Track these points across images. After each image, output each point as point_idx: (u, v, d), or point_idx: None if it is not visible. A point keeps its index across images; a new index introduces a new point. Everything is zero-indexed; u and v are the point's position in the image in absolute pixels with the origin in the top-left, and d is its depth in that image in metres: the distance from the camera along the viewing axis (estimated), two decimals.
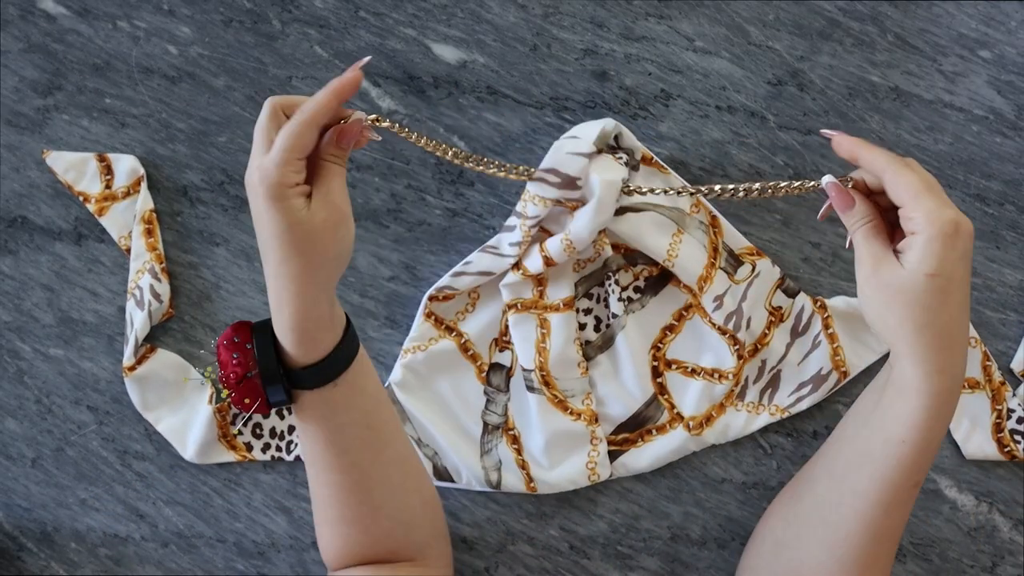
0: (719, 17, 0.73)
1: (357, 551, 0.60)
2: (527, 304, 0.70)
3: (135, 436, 0.75)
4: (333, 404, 0.55)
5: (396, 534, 0.60)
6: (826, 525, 0.56)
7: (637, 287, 0.73)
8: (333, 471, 0.57)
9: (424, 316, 0.72)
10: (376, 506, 0.59)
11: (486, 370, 0.73)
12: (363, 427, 0.57)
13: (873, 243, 0.53)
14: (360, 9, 0.76)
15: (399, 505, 0.60)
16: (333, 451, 0.56)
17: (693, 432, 0.71)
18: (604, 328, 0.72)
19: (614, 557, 0.72)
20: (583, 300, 0.72)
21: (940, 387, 0.51)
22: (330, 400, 0.55)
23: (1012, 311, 0.71)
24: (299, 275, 0.51)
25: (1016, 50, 0.72)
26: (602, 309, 0.72)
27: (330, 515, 0.59)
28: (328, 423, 0.56)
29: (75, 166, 0.76)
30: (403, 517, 0.61)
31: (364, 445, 0.57)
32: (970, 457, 0.70)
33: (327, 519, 0.60)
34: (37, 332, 0.76)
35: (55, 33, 0.78)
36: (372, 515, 0.59)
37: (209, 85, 0.77)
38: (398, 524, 0.60)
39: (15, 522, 0.75)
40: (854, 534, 0.54)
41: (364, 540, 0.59)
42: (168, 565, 0.74)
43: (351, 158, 0.75)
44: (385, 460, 0.59)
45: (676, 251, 0.70)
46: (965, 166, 0.72)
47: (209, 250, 0.76)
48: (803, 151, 0.73)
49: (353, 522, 0.59)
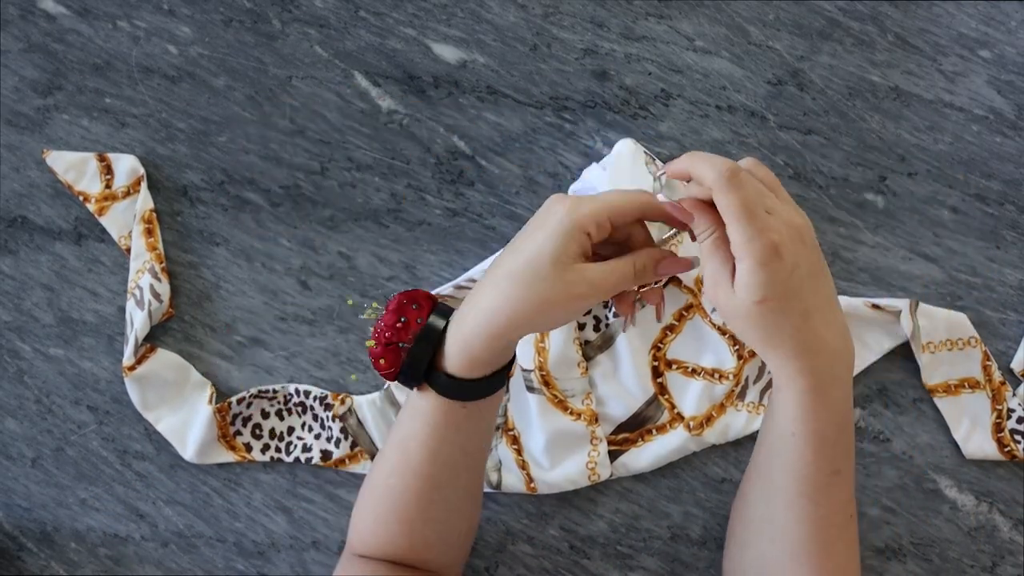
0: (719, 17, 0.73)
1: (390, 550, 0.60)
2: None
3: (135, 436, 0.75)
4: (451, 419, 0.55)
5: (433, 549, 0.61)
6: (766, 521, 0.56)
7: None
8: (411, 473, 0.57)
9: None
10: (430, 519, 0.59)
11: None
12: (462, 450, 0.57)
13: (714, 259, 0.50)
14: (360, 9, 0.76)
15: (449, 526, 0.61)
16: (425, 456, 0.56)
17: (693, 432, 0.71)
18: (603, 328, 0.72)
19: (614, 557, 0.72)
20: None
21: (806, 385, 0.50)
22: (450, 413, 0.55)
23: (1012, 311, 0.71)
24: (511, 299, 0.50)
25: (1016, 50, 0.72)
26: (601, 309, 0.72)
27: (382, 508, 0.59)
28: (437, 432, 0.56)
29: (75, 166, 0.76)
30: (447, 537, 0.61)
31: (453, 464, 0.58)
32: (970, 457, 0.70)
33: (378, 511, 0.60)
34: (37, 332, 0.76)
35: (55, 33, 0.78)
36: (422, 525, 0.59)
37: (209, 85, 0.77)
38: (440, 541, 0.61)
39: (15, 522, 0.75)
40: (790, 527, 0.54)
41: (402, 543, 0.60)
42: (168, 565, 0.74)
43: (351, 158, 0.75)
44: (461, 484, 0.60)
45: (678, 248, 0.70)
46: (965, 166, 0.72)
47: (209, 250, 0.76)
48: (803, 151, 0.73)
49: (402, 523, 0.59)
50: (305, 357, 0.74)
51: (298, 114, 0.76)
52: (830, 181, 0.72)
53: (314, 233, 0.75)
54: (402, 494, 0.59)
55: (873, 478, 0.71)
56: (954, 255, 0.72)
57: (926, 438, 0.71)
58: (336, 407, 0.73)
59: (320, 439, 0.73)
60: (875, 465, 0.71)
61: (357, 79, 0.76)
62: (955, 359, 0.71)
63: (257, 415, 0.74)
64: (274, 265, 0.75)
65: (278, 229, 0.75)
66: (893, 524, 0.71)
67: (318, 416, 0.73)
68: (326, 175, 0.75)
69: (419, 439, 0.56)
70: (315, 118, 0.76)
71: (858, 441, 0.72)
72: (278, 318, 0.75)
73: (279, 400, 0.73)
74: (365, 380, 0.75)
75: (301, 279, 0.75)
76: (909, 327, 0.69)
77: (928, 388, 0.71)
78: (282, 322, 0.75)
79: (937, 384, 0.71)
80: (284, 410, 0.74)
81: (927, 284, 0.72)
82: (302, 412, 0.73)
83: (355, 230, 0.75)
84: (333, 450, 0.73)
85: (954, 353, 0.71)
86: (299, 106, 0.76)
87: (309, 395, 0.73)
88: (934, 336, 0.70)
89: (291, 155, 0.76)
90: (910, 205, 0.72)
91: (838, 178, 0.72)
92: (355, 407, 0.73)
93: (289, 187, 0.76)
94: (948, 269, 0.72)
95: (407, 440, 0.57)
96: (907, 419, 0.71)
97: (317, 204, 0.75)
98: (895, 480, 0.71)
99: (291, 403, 0.73)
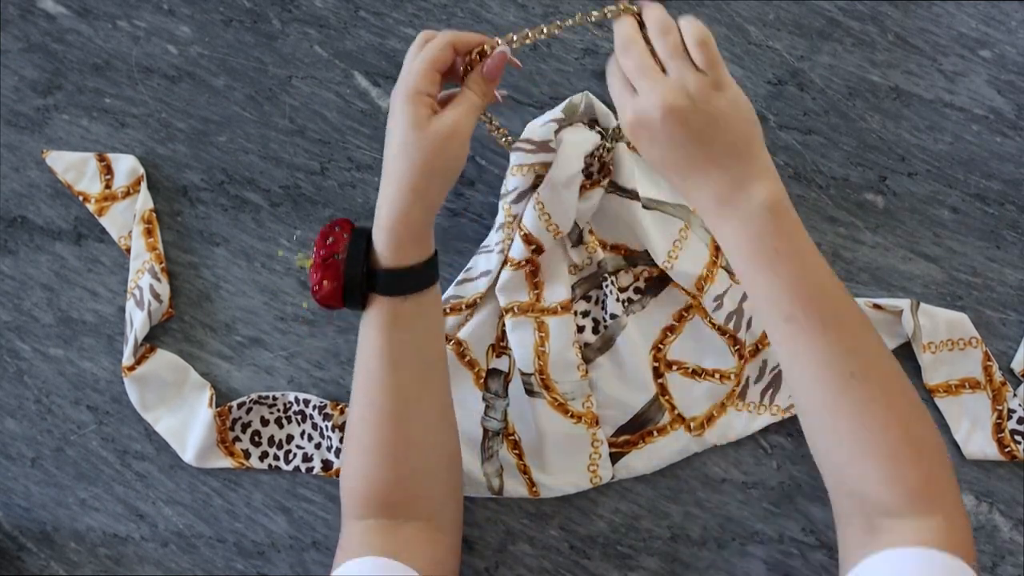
0: (719, 17, 0.73)
1: (379, 488, 0.60)
2: (524, 307, 0.70)
3: (135, 436, 0.75)
4: (397, 317, 0.59)
5: (419, 480, 0.61)
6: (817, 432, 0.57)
7: (637, 288, 0.72)
8: (380, 390, 0.59)
9: None
10: (410, 441, 0.60)
11: (484, 376, 0.72)
12: (417, 354, 0.60)
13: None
14: (360, 9, 0.76)
15: (429, 451, 0.61)
16: (386, 366, 0.59)
17: (694, 433, 0.71)
18: (603, 329, 0.72)
19: (614, 557, 0.72)
20: (580, 303, 0.72)
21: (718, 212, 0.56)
22: (396, 313, 0.59)
23: (1012, 311, 0.71)
24: (403, 175, 0.57)
25: (1016, 50, 0.72)
26: (600, 311, 0.72)
27: (364, 442, 0.60)
28: (388, 334, 0.59)
29: (75, 166, 0.76)
30: (429, 465, 0.61)
31: (414, 374, 0.60)
32: (970, 457, 0.70)
33: (360, 447, 0.60)
34: (37, 332, 0.76)
35: (55, 33, 0.78)
36: (404, 450, 0.60)
37: (209, 85, 0.77)
38: (424, 471, 0.61)
39: (15, 522, 0.75)
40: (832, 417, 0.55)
41: (389, 477, 0.60)
42: (168, 565, 0.74)
43: (351, 158, 0.75)
44: (428, 398, 0.61)
45: (679, 251, 0.70)
46: (965, 166, 0.72)
47: (209, 250, 0.76)
48: (803, 151, 0.73)
49: (384, 454, 0.60)
50: (305, 357, 0.74)
51: (298, 114, 0.76)
52: (830, 181, 0.72)
53: (314, 233, 0.75)
54: (377, 420, 0.60)
55: None
56: (954, 255, 0.72)
57: None
58: (335, 417, 0.72)
59: (320, 448, 0.73)
60: None
61: (357, 79, 0.76)
62: (956, 359, 0.71)
63: (257, 422, 0.73)
64: (274, 265, 0.75)
65: (278, 229, 0.75)
66: None
67: (317, 425, 0.73)
68: (326, 175, 0.75)
69: (376, 352, 0.59)
70: (315, 118, 0.76)
71: None
72: (278, 318, 0.75)
73: (279, 408, 0.73)
74: None
75: (301, 279, 0.75)
76: (910, 327, 0.69)
77: (928, 388, 0.71)
78: (282, 322, 0.75)
79: (938, 384, 0.71)
80: (284, 418, 0.74)
81: (927, 284, 0.72)
82: (301, 420, 0.73)
83: None
84: (333, 460, 0.73)
85: (955, 353, 0.71)
86: (299, 106, 0.76)
87: (308, 404, 0.73)
88: (935, 336, 0.70)
89: (291, 155, 0.76)
90: (910, 205, 0.72)
91: (838, 178, 0.72)
92: None
93: (289, 187, 0.76)
94: (948, 269, 0.72)
95: (368, 364, 0.60)
96: None
97: (317, 204, 0.75)
98: None
99: (291, 411, 0.73)
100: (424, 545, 0.60)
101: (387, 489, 0.60)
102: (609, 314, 0.71)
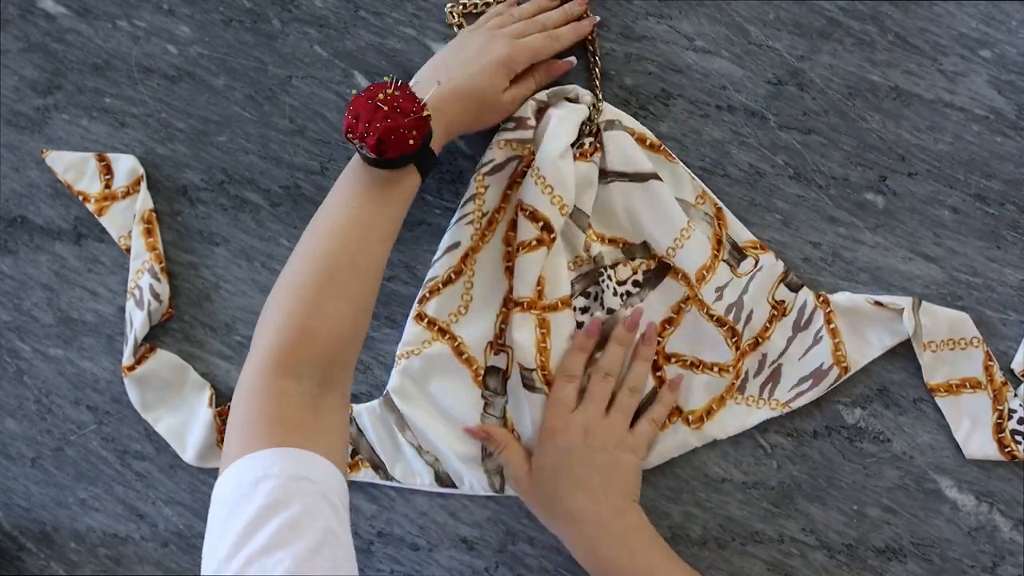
0: (719, 16, 0.73)
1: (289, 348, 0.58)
2: (530, 303, 0.70)
3: (135, 436, 0.75)
4: (411, 195, 0.64)
5: (333, 344, 0.59)
6: None
7: (636, 281, 0.72)
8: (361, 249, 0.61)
9: (415, 319, 0.72)
10: (360, 305, 0.61)
11: (482, 374, 0.72)
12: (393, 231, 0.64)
13: None
14: (360, 9, 0.76)
15: (352, 312, 0.61)
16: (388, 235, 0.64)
17: (693, 426, 0.71)
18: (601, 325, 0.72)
19: None
20: (579, 299, 0.72)
21: None
22: (412, 191, 0.64)
23: (1012, 311, 0.71)
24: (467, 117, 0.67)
25: (1017, 49, 0.71)
26: (597, 306, 0.72)
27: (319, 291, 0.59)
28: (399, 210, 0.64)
29: (75, 166, 0.76)
30: (344, 328, 0.60)
31: (388, 245, 0.64)
32: (970, 457, 0.70)
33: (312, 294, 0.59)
34: (37, 332, 0.76)
35: (55, 32, 0.78)
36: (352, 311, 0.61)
37: (209, 85, 0.77)
38: (339, 334, 0.60)
39: (15, 522, 0.75)
40: None
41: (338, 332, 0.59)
42: (168, 565, 0.74)
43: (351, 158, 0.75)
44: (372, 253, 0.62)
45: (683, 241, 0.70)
46: (965, 166, 0.72)
47: (209, 250, 0.76)
48: (803, 151, 0.72)
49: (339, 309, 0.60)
50: None
51: (298, 114, 0.76)
52: (830, 181, 0.72)
53: None
54: (331, 270, 0.60)
55: (873, 478, 0.71)
56: (954, 255, 0.72)
57: (926, 438, 0.71)
58: None
59: None
60: (875, 465, 0.71)
61: (357, 79, 0.76)
62: (957, 359, 0.71)
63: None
64: (274, 265, 0.75)
65: (278, 229, 0.75)
66: (893, 524, 0.71)
67: None
68: (326, 175, 0.75)
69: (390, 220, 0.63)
70: (315, 118, 0.76)
71: (858, 441, 0.71)
72: None
73: None
74: (364, 380, 0.75)
75: None
76: (911, 325, 0.69)
77: (929, 387, 0.71)
78: None
79: (938, 384, 0.71)
80: None
81: (927, 284, 0.72)
82: None
83: None
84: None
85: (955, 353, 0.70)
86: (299, 106, 0.76)
87: None
88: (936, 335, 0.70)
89: (291, 155, 0.76)
90: (910, 205, 0.72)
91: (838, 178, 0.72)
92: (354, 415, 0.73)
93: (289, 187, 0.76)
94: (948, 269, 0.71)
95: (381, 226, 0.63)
96: (907, 419, 0.71)
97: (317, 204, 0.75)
98: (895, 480, 0.71)
99: None
100: (341, 427, 0.60)
101: (302, 351, 0.58)
102: (606, 309, 0.71)
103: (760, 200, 0.72)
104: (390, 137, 0.59)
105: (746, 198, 0.72)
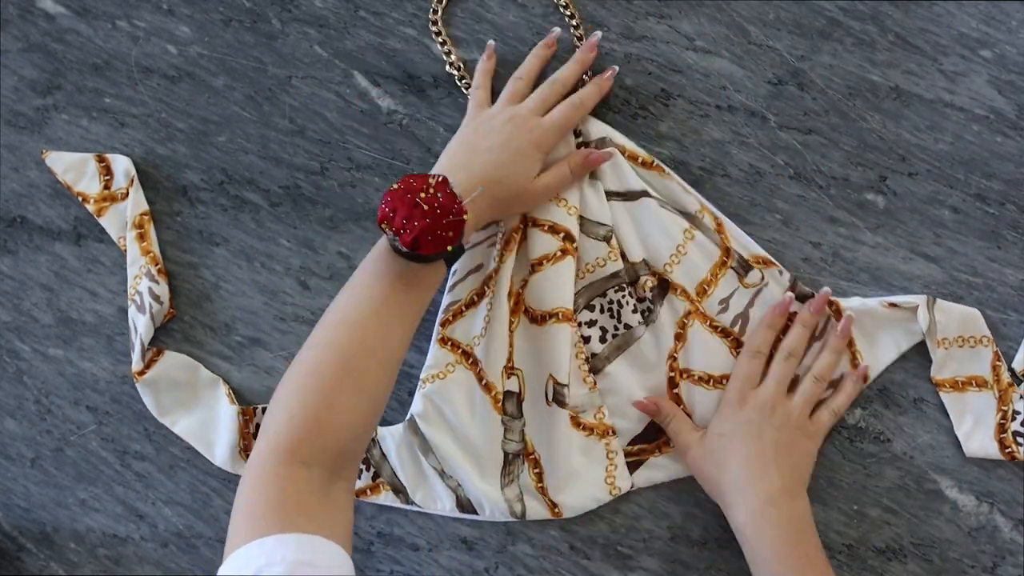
0: (719, 16, 0.73)
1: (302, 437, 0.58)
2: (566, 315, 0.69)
3: (135, 436, 0.75)
4: (436, 287, 0.65)
5: (345, 437, 0.60)
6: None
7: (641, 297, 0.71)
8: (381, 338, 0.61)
9: (438, 342, 0.71)
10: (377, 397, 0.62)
11: (501, 400, 0.71)
12: (415, 321, 0.64)
13: None
14: (360, 8, 0.76)
15: (367, 405, 0.61)
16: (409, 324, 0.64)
17: None
18: (611, 339, 0.71)
19: (614, 557, 0.72)
20: (584, 312, 0.71)
21: None
22: (437, 283, 0.65)
23: (1013, 311, 0.71)
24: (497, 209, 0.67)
25: (1017, 49, 0.71)
26: (607, 319, 0.71)
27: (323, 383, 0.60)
28: (423, 301, 0.64)
29: (74, 166, 0.76)
30: (358, 420, 0.61)
31: (409, 333, 0.64)
32: (971, 455, 0.70)
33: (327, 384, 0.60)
34: (36, 332, 0.76)
35: (54, 33, 0.78)
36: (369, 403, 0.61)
37: (209, 85, 0.76)
38: (352, 427, 0.60)
39: (14, 522, 0.75)
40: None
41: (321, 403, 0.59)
42: (167, 565, 0.74)
43: (351, 158, 0.75)
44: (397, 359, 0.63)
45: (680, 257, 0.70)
46: (966, 166, 0.72)
47: (209, 250, 0.76)
48: (803, 151, 0.72)
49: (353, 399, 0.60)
50: None
51: (298, 114, 0.76)
52: (830, 181, 0.72)
53: (314, 233, 0.75)
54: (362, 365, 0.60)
55: (874, 478, 0.71)
56: (954, 255, 0.72)
57: (927, 438, 0.71)
58: None
59: None
60: (876, 465, 0.71)
61: (357, 79, 0.76)
62: (965, 357, 0.70)
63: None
64: (274, 265, 0.75)
65: (278, 229, 0.75)
66: (894, 524, 0.71)
67: None
68: (326, 175, 0.75)
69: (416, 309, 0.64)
70: (315, 118, 0.76)
71: (858, 441, 0.71)
72: (278, 318, 0.75)
73: None
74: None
75: (301, 279, 0.75)
76: (926, 322, 0.69)
77: (935, 382, 0.71)
78: (282, 322, 0.75)
79: (944, 379, 0.71)
80: None
81: (927, 284, 0.72)
82: None
83: (355, 230, 0.75)
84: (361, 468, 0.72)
85: (964, 350, 0.70)
86: (299, 106, 0.76)
87: None
88: (948, 332, 0.70)
89: (291, 155, 0.76)
90: (910, 205, 0.72)
91: (838, 178, 0.72)
92: (378, 438, 0.72)
93: (289, 187, 0.76)
94: (948, 269, 0.71)
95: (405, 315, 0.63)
96: (908, 419, 0.71)
97: (317, 204, 0.75)
98: (896, 480, 0.71)
99: None
100: (347, 512, 0.60)
101: (313, 443, 0.58)
102: (624, 324, 0.71)
103: (760, 200, 0.72)
104: (427, 237, 0.59)
105: (746, 198, 0.72)
